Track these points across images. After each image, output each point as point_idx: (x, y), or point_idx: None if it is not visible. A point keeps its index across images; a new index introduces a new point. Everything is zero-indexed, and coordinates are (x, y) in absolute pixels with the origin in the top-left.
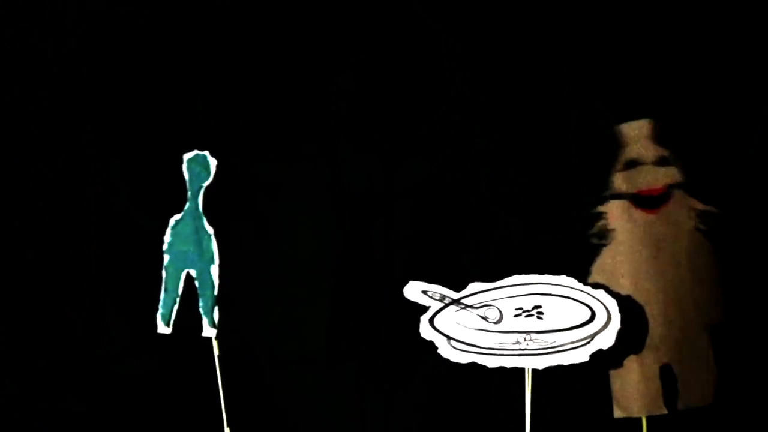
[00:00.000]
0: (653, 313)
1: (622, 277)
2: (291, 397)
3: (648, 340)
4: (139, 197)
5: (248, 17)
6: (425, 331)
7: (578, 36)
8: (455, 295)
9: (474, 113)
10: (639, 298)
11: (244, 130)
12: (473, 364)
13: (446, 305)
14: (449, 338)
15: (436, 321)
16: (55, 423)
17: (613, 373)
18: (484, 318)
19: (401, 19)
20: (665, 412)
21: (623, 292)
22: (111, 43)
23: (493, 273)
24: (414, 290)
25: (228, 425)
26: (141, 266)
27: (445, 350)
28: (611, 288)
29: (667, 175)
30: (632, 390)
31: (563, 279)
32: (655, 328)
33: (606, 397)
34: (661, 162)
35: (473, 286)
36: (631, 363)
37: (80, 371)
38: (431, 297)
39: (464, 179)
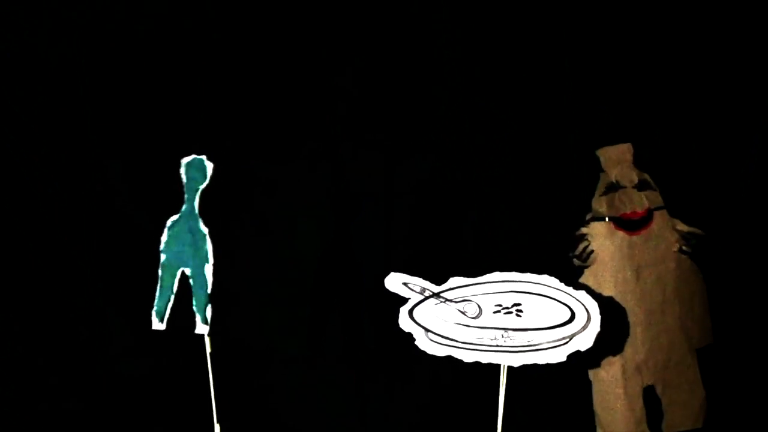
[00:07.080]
0: (636, 335)
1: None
2: (281, 395)
3: (631, 363)
4: (139, 198)
5: (248, 17)
6: (404, 323)
7: (562, 58)
8: (436, 289)
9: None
10: None
11: (244, 129)
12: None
13: (426, 298)
14: (427, 330)
15: (415, 313)
16: (55, 423)
17: (596, 394)
18: (463, 312)
19: (401, 19)
20: None
21: None
22: (111, 43)
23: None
24: (395, 281)
25: (218, 422)
26: (140, 266)
27: (423, 342)
28: None
29: (649, 198)
30: (616, 412)
31: (545, 278)
32: (639, 349)
33: (581, 399)
34: (642, 186)
35: (454, 281)
36: (615, 386)
37: (80, 371)
38: (411, 289)
39: (456, 184)
